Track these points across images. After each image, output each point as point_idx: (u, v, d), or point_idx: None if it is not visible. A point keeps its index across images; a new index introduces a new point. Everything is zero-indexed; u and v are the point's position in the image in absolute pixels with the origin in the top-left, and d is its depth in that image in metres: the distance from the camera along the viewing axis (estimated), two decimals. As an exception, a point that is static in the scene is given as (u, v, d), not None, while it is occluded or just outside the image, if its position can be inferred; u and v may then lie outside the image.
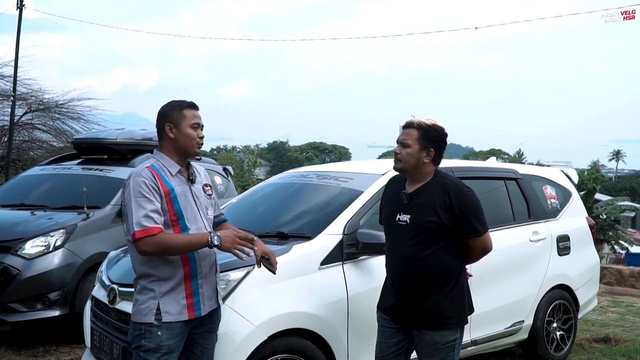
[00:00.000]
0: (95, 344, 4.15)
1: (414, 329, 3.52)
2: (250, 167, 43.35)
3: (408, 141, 3.47)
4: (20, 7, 17.95)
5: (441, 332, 3.46)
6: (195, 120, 3.25)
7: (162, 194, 3.11)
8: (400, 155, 3.49)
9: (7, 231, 6.09)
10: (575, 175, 6.75)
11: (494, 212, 5.53)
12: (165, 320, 3.10)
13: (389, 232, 3.63)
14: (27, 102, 18.41)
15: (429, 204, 3.43)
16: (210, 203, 3.40)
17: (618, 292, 10.72)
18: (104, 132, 8.36)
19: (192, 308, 3.17)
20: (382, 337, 3.66)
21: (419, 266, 3.42)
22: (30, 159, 17.50)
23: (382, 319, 3.67)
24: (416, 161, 3.47)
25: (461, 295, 3.53)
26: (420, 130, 3.47)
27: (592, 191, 29.44)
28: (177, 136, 3.22)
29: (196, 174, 3.36)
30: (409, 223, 3.46)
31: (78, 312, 5.83)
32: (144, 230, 3.01)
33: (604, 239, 31.28)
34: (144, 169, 3.15)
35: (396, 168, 3.55)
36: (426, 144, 3.47)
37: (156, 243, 3.03)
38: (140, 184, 3.08)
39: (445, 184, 3.49)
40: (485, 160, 6.62)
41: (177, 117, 3.24)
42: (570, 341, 5.94)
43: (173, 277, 3.14)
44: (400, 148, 3.49)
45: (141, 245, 3.03)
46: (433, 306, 3.44)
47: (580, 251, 6.14)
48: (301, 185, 5.17)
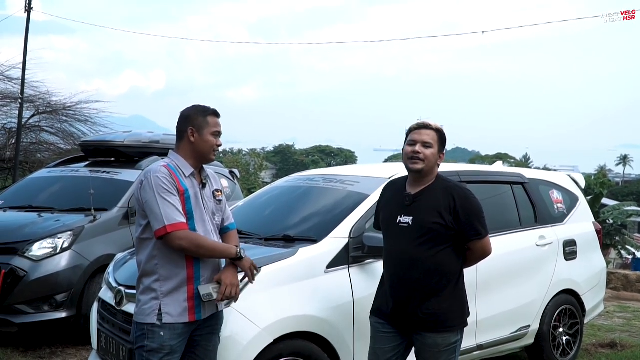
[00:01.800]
0: (102, 345, 4.17)
1: (415, 333, 3.51)
2: (257, 170, 43.43)
3: (431, 141, 3.49)
4: (29, 9, 18.03)
5: (443, 335, 3.46)
6: (217, 129, 3.33)
7: (178, 192, 3.18)
8: (423, 155, 3.46)
9: (15, 233, 6.12)
10: (582, 179, 6.74)
11: (501, 216, 5.54)
12: (166, 321, 3.14)
13: (389, 235, 3.62)
14: (34, 104, 18.46)
15: (432, 206, 3.44)
16: (219, 209, 3.44)
17: (625, 298, 10.68)
18: (111, 135, 8.39)
19: (192, 311, 3.20)
20: (378, 342, 3.63)
21: (421, 268, 3.42)
22: (37, 161, 17.54)
23: (377, 324, 3.65)
24: (435, 162, 3.51)
25: (461, 297, 3.56)
26: (437, 132, 3.53)
27: (599, 196, 29.34)
28: (198, 141, 3.29)
29: (209, 179, 3.41)
30: (411, 225, 3.46)
31: (85, 314, 5.86)
32: (174, 225, 3.09)
33: (610, 244, 31.15)
34: (160, 166, 3.22)
35: (417, 169, 3.48)
36: (441, 146, 3.54)
37: (192, 239, 3.12)
38: (162, 179, 3.15)
39: (448, 186, 3.51)
40: (491, 165, 6.62)
41: (200, 122, 3.30)
42: (577, 346, 5.92)
43: (175, 278, 3.18)
44: (423, 148, 3.47)
45: (175, 239, 3.09)
46: (435, 308, 3.44)
47: (587, 256, 6.12)
48: (307, 189, 5.17)
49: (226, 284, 3.21)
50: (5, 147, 18.12)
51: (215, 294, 3.19)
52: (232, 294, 3.23)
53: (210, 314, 3.30)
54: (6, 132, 18.47)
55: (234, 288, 3.24)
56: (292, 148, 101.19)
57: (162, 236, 3.10)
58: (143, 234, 3.25)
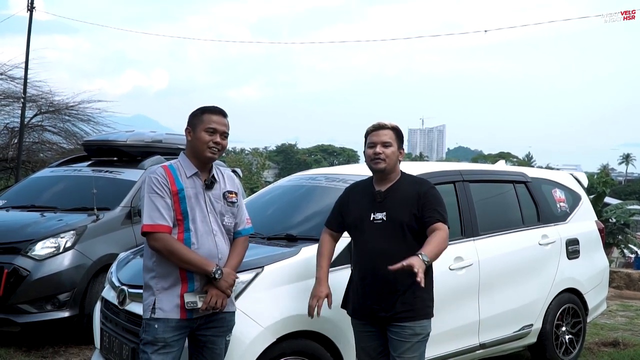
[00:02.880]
0: (105, 345, 4.17)
1: (393, 326, 3.55)
2: (259, 170, 43.45)
3: (390, 140, 3.66)
4: (31, 9, 18.05)
5: (422, 323, 3.56)
6: (211, 125, 3.29)
7: (171, 192, 3.21)
8: (384, 155, 3.63)
9: (18, 232, 6.12)
10: (584, 178, 6.73)
11: (503, 215, 5.54)
12: (158, 316, 3.20)
13: (362, 233, 3.68)
14: (37, 104, 18.48)
15: (402, 199, 3.59)
16: (230, 210, 3.41)
17: (627, 296, 10.67)
18: (113, 134, 8.39)
19: (184, 308, 3.21)
20: (365, 341, 3.72)
21: (397, 259, 3.43)
22: (40, 160, 17.56)
23: (358, 325, 3.74)
24: (396, 159, 3.67)
25: (432, 286, 3.67)
26: (394, 130, 3.70)
27: (602, 195, 29.36)
28: (193, 139, 3.32)
29: (218, 180, 3.39)
30: (385, 220, 3.57)
31: (87, 314, 5.85)
32: (152, 226, 3.15)
33: (613, 243, 31.16)
34: (158, 167, 3.28)
35: (381, 168, 3.65)
36: (399, 143, 3.73)
37: (166, 243, 3.15)
38: (152, 180, 3.21)
39: (414, 180, 3.73)
40: (494, 164, 6.61)
41: (196, 120, 3.32)
42: (579, 345, 5.92)
43: (170, 276, 3.22)
44: (383, 148, 3.64)
45: (150, 239, 3.18)
46: (413, 297, 3.53)
47: (590, 255, 6.11)
48: (310, 188, 5.17)
49: (212, 294, 3.21)
50: (8, 147, 18.16)
51: (201, 302, 3.21)
52: (216, 305, 3.21)
53: (205, 314, 3.27)
54: (9, 132, 18.50)
55: (220, 298, 3.22)
56: (295, 147, 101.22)
57: (143, 234, 3.20)
58: None
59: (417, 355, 3.54)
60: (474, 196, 5.16)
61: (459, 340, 4.78)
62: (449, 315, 4.58)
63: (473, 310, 4.88)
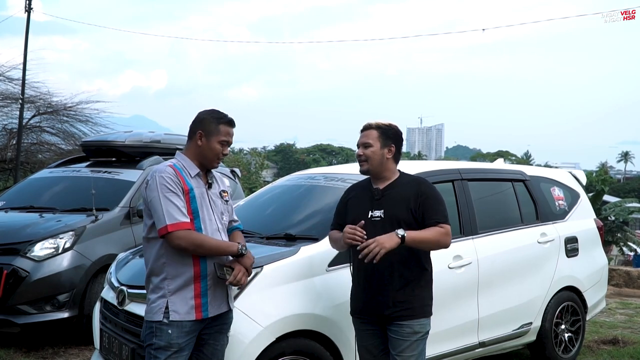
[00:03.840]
0: (105, 345, 4.18)
1: (392, 325, 3.55)
2: (258, 169, 43.38)
3: (369, 141, 3.64)
4: (29, 10, 18.06)
5: (421, 321, 3.56)
6: (226, 138, 3.35)
7: (183, 191, 3.21)
8: (364, 156, 3.63)
9: (17, 233, 6.12)
10: (583, 176, 6.73)
11: (502, 213, 5.54)
12: (173, 319, 3.16)
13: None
14: (35, 105, 18.49)
15: (401, 197, 3.58)
16: (226, 209, 3.50)
17: (626, 294, 10.68)
18: (112, 135, 8.38)
19: (199, 309, 3.21)
20: (366, 340, 3.71)
21: (396, 257, 3.47)
22: (38, 161, 17.56)
23: (360, 324, 3.73)
24: (380, 158, 3.62)
25: (431, 285, 3.67)
26: (379, 129, 3.66)
27: (601, 193, 29.39)
28: (204, 146, 3.32)
29: (215, 180, 3.46)
30: (383, 217, 3.57)
31: (87, 314, 5.86)
32: (176, 224, 3.12)
33: (612, 241, 31.21)
34: (166, 166, 3.25)
35: (363, 170, 3.68)
36: (386, 141, 3.65)
37: (192, 238, 3.14)
38: (166, 179, 3.18)
39: (414, 179, 3.70)
40: (492, 162, 6.61)
41: (211, 128, 3.32)
42: (579, 343, 5.92)
43: (182, 276, 3.19)
44: (363, 149, 3.64)
45: (174, 238, 3.12)
46: (412, 295, 3.53)
47: (589, 253, 6.12)
48: (309, 187, 5.17)
49: (239, 269, 3.26)
50: (6, 148, 18.15)
51: (228, 276, 3.24)
52: (241, 281, 3.26)
53: (217, 313, 3.30)
54: (7, 133, 18.50)
55: (244, 276, 3.29)
56: (293, 147, 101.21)
57: (163, 235, 3.14)
58: (150, 233, 3.26)
59: (417, 354, 3.55)
60: (473, 195, 5.16)
61: (459, 338, 4.79)
62: (448, 314, 4.59)
63: (472, 309, 4.88)
